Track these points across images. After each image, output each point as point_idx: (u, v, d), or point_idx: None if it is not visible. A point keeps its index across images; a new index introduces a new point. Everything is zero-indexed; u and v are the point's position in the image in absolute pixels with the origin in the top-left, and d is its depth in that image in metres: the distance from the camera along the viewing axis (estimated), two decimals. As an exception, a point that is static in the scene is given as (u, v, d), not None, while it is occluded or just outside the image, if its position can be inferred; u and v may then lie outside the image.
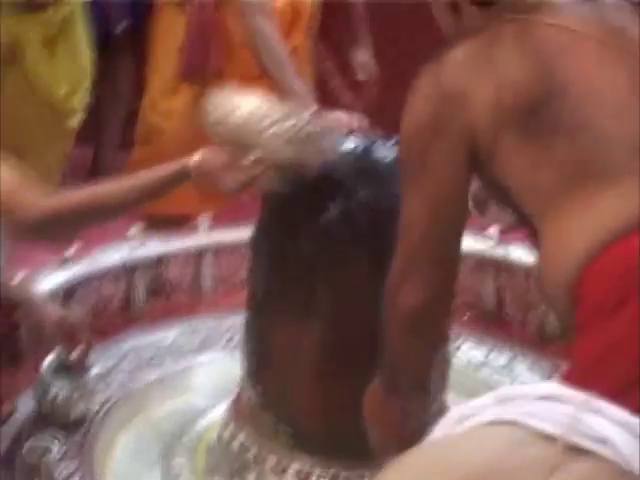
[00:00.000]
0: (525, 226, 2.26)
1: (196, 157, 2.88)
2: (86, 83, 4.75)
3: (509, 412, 1.82)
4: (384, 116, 3.09)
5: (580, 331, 2.08)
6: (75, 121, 4.67)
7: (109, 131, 5.30)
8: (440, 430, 1.95)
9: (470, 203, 2.59)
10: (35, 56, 4.50)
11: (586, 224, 2.11)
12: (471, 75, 2.23)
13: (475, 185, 2.36)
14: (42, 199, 2.96)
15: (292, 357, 3.00)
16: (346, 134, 3.05)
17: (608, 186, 2.12)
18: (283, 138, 2.82)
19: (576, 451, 1.73)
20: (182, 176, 2.90)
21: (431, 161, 2.27)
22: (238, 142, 2.86)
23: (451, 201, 2.29)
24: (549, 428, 1.76)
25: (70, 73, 4.66)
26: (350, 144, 3.00)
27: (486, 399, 1.90)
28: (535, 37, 2.26)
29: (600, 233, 2.08)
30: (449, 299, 2.44)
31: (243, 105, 2.84)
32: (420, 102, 2.31)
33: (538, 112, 2.16)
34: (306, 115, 2.90)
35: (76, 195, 3.14)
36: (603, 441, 1.75)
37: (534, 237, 2.23)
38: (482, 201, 2.85)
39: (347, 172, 2.92)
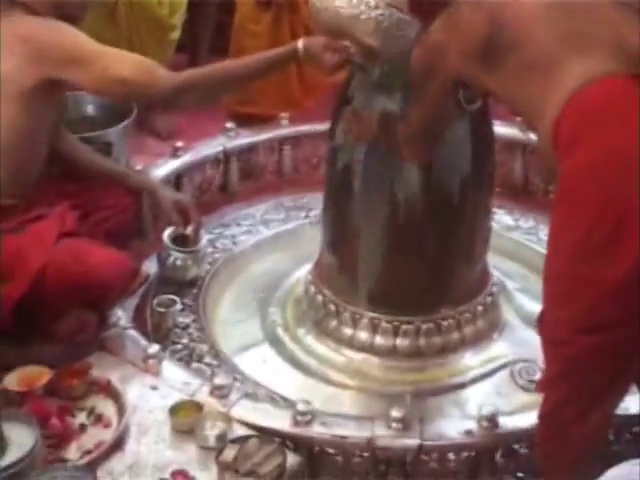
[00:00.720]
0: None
1: (303, 41, 3.08)
2: (183, 5, 4.81)
3: None
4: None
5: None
6: (176, 34, 4.78)
7: (201, 41, 5.26)
8: None
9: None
10: None
11: (547, 99, 2.38)
12: (446, 33, 2.61)
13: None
14: (176, 73, 3.14)
15: (366, 234, 3.18)
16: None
17: (555, 68, 2.38)
18: (373, 24, 2.93)
19: None
20: (293, 54, 3.10)
21: (426, 86, 2.71)
22: (337, 27, 3.01)
23: (435, 109, 2.76)
24: None
25: None
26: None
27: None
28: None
29: (557, 100, 2.34)
30: (428, 154, 3.01)
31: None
32: (420, 48, 2.72)
33: (491, 44, 2.48)
34: (393, 8, 2.96)
35: (207, 68, 3.39)
36: None
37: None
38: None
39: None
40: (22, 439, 2.40)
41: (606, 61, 2.36)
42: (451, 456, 2.72)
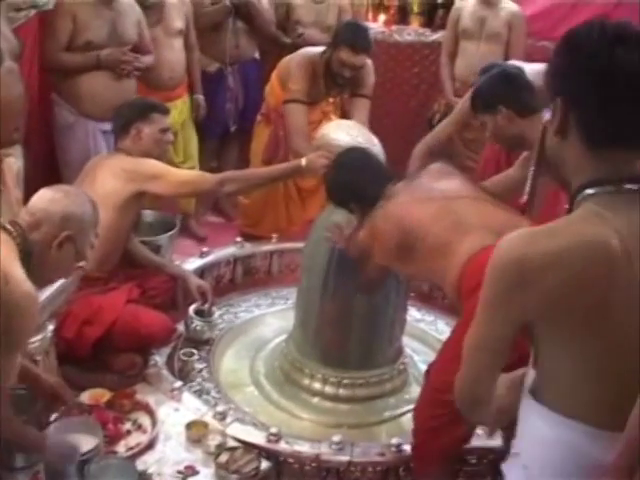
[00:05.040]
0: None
1: (304, 159, 3.22)
2: (194, 158, 4.71)
3: None
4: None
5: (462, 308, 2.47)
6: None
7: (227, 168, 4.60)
8: None
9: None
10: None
11: (447, 268, 2.49)
12: (370, 239, 2.70)
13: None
14: (215, 177, 3.29)
15: (322, 320, 3.22)
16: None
17: (450, 248, 2.49)
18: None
19: None
20: (298, 167, 3.25)
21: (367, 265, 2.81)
22: (326, 147, 3.18)
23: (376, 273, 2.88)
24: None
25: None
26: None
27: None
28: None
29: (456, 266, 2.46)
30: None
31: (331, 131, 3.22)
32: (356, 246, 2.83)
33: (401, 244, 2.57)
34: (371, 140, 3.16)
35: (239, 171, 3.59)
36: None
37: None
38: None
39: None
40: (91, 437, 2.43)
41: (482, 238, 2.45)
42: (370, 469, 2.74)
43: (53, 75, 4.01)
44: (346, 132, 3.22)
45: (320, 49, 4.09)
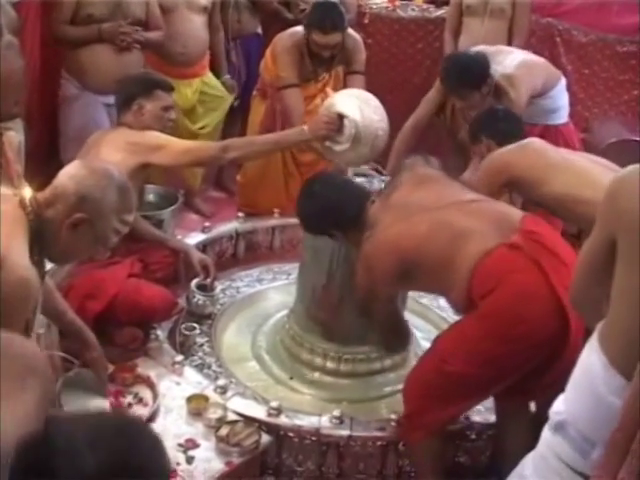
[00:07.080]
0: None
1: (307, 124, 3.23)
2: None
3: None
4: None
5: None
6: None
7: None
8: None
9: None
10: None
11: (455, 279, 2.46)
12: (368, 275, 2.63)
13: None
14: (217, 143, 3.35)
15: (324, 293, 3.16)
16: None
17: (453, 262, 2.45)
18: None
19: None
20: (301, 132, 3.22)
21: (373, 304, 2.79)
22: (327, 110, 3.19)
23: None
24: None
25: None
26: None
27: None
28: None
29: (463, 275, 2.43)
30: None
31: (337, 101, 3.23)
32: (358, 286, 2.74)
33: (402, 273, 2.54)
34: (368, 99, 3.20)
35: (242, 138, 3.62)
36: None
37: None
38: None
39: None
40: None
41: (484, 241, 2.44)
42: (369, 443, 2.74)
43: (62, 49, 4.04)
44: (345, 93, 3.27)
45: None
